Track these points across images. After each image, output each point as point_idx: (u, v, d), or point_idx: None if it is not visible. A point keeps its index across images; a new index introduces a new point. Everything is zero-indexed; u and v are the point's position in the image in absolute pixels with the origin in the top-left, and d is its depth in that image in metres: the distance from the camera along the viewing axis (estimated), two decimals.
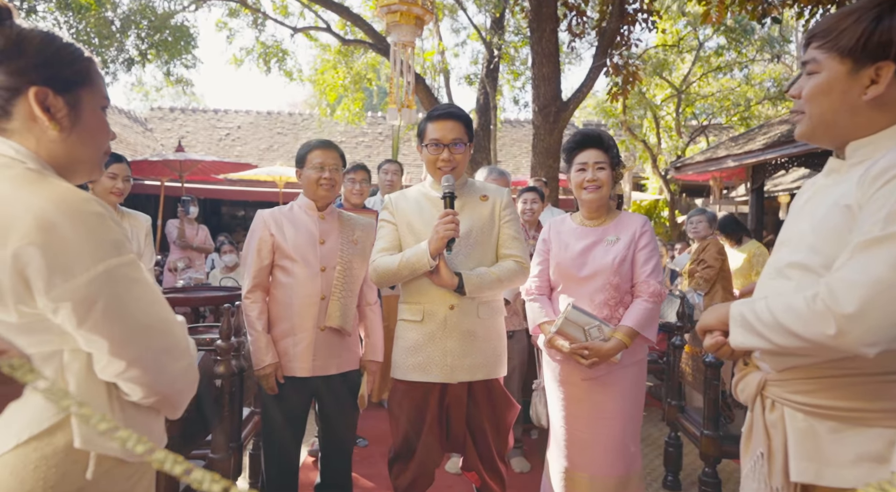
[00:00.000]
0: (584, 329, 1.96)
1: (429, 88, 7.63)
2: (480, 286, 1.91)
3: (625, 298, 2.06)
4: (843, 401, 0.99)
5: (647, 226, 2.11)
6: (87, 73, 0.96)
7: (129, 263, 0.88)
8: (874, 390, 0.96)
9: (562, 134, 6.62)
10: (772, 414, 1.10)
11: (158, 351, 0.90)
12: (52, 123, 0.91)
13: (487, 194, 2.05)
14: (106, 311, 0.84)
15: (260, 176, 9.35)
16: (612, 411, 2.01)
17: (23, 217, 0.81)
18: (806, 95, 1.09)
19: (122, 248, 0.88)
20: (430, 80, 9.48)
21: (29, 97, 0.89)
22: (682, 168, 9.10)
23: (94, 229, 0.84)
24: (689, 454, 3.07)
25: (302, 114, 16.20)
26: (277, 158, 13.52)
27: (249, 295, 2.12)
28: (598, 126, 15.53)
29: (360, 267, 2.23)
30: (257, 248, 2.12)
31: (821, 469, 1.01)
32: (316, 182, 2.13)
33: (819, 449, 1.01)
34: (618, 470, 2.00)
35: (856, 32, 1.01)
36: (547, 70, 6.40)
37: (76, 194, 0.85)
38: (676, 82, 12.42)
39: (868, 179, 0.95)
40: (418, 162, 13.45)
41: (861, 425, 0.98)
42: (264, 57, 9.44)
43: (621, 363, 2.00)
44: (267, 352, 2.05)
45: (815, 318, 0.90)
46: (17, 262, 0.80)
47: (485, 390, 1.99)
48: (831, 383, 1.00)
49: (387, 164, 4.10)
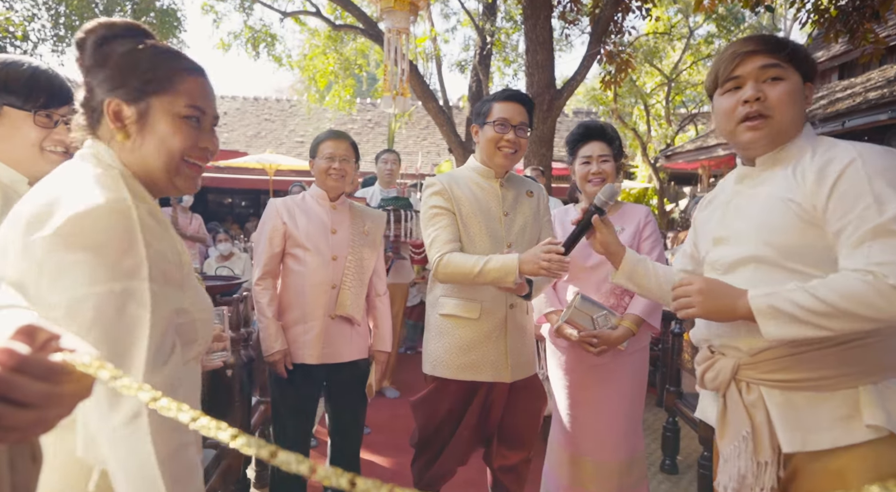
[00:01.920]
0: (593, 318, 1.99)
1: (421, 76, 7.56)
2: (541, 289, 1.96)
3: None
4: (813, 372, 1.09)
5: (651, 216, 2.15)
6: (164, 82, 0.95)
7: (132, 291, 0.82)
8: (837, 358, 1.08)
9: (555, 122, 6.62)
10: (749, 395, 1.18)
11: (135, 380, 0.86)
12: (119, 131, 0.94)
13: (532, 191, 2.03)
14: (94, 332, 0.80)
15: (249, 163, 9.24)
16: (617, 398, 2.05)
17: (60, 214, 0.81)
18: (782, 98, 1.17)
19: (135, 274, 0.83)
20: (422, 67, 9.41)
21: (105, 107, 0.93)
22: (672, 157, 9.17)
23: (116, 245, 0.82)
24: (685, 438, 3.14)
25: (290, 100, 16.01)
26: (266, 145, 13.38)
27: (260, 282, 2.13)
28: (588, 114, 15.55)
29: (370, 257, 2.25)
30: (269, 236, 2.13)
31: (805, 437, 1.10)
32: (325, 172, 2.15)
33: (799, 419, 1.11)
34: (622, 454, 2.04)
35: (804, 52, 1.21)
36: (541, 57, 6.38)
37: (123, 205, 0.84)
38: (667, 70, 12.46)
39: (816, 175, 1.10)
40: (408, 150, 13.39)
41: (830, 390, 1.08)
42: (253, 42, 9.28)
43: (626, 351, 2.04)
44: (276, 339, 2.08)
45: (889, 298, 0.98)
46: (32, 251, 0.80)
47: (525, 387, 1.97)
48: (799, 358, 1.10)
49: (386, 153, 4.09)
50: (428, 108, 7.47)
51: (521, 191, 1.99)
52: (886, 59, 7.39)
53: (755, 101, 1.16)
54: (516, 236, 1.91)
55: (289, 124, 14.61)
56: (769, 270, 1.14)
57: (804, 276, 1.09)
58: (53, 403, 0.49)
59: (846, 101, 6.82)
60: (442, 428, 1.95)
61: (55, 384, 0.49)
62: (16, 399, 0.47)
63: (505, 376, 1.89)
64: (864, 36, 5.34)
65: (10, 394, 0.46)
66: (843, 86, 8.24)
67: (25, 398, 0.47)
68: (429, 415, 1.95)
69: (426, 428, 1.96)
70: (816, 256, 1.10)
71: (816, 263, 1.10)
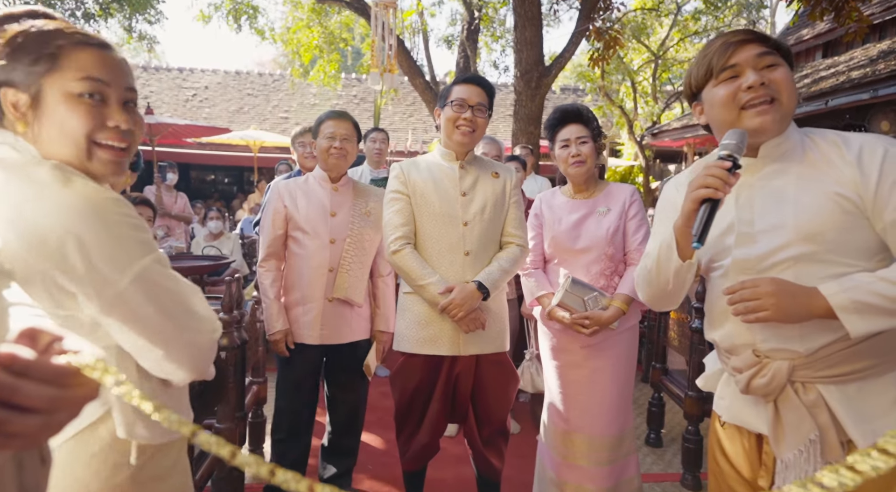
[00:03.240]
0: (584, 300, 2.03)
1: (408, 52, 7.45)
2: (496, 286, 1.95)
3: (619, 267, 2.14)
4: (865, 361, 1.09)
5: (636, 195, 2.17)
6: (50, 59, 0.87)
7: (158, 259, 0.91)
8: (887, 344, 1.09)
9: (543, 100, 6.59)
10: (808, 395, 1.13)
11: (191, 335, 0.94)
12: (19, 120, 0.88)
13: (499, 172, 2.06)
14: (141, 309, 0.87)
15: (233, 140, 9.08)
16: (608, 376, 2.10)
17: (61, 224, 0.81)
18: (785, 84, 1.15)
19: (149, 246, 0.90)
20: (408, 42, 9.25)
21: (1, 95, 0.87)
22: (659, 135, 9.20)
23: (127, 233, 0.87)
24: (669, 413, 3.24)
25: (273, 74, 15.67)
26: (249, 120, 13.14)
27: (264, 263, 2.18)
28: (575, 91, 15.47)
29: (373, 239, 2.26)
30: (271, 218, 2.18)
31: (874, 427, 1.07)
32: (326, 151, 2.16)
33: (862, 410, 1.09)
34: (613, 429, 2.10)
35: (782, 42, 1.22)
36: (529, 34, 6.31)
37: (103, 196, 0.86)
38: (654, 47, 12.40)
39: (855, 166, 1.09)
40: (394, 127, 13.25)
41: (877, 376, 1.09)
42: (234, 14, 9.02)
43: (616, 330, 2.09)
44: (278, 319, 2.13)
45: None
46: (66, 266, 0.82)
47: (493, 363, 2.02)
48: (855, 350, 1.09)
49: (374, 132, 4.05)
50: (415, 84, 7.39)
51: (484, 172, 2.04)
52: (870, 37, 7.44)
53: (760, 85, 1.13)
54: (473, 215, 1.97)
55: (272, 99, 14.33)
56: (813, 267, 1.11)
57: (849, 268, 1.09)
58: (59, 407, 0.48)
59: (830, 80, 6.88)
60: (415, 401, 2.02)
61: (61, 388, 0.47)
62: (20, 404, 0.45)
63: (461, 350, 1.95)
64: (849, 14, 5.36)
65: (14, 399, 0.45)
66: (827, 64, 8.29)
67: (30, 403, 0.46)
68: (401, 389, 2.03)
69: (401, 402, 2.04)
70: (860, 247, 1.09)
71: (859, 254, 1.09)
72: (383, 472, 2.72)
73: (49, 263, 0.82)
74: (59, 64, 0.87)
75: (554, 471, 2.19)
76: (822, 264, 1.10)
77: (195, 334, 0.94)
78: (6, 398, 0.44)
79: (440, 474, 2.64)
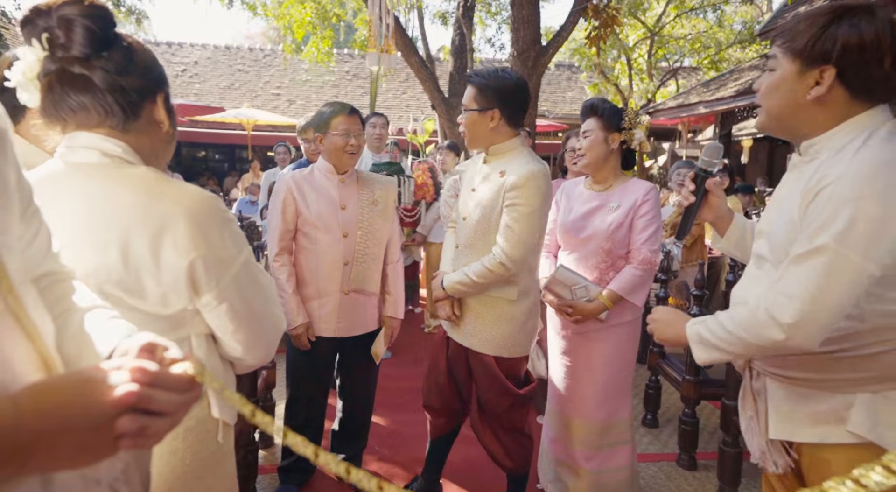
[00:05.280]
0: (571, 288, 2.10)
1: (404, 30, 7.34)
2: (453, 286, 1.98)
3: (617, 262, 2.14)
4: (818, 373, 1.15)
5: (651, 194, 2.10)
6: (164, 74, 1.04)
7: (250, 251, 1.03)
8: (843, 364, 1.12)
9: (540, 79, 6.55)
10: (757, 382, 1.27)
11: (270, 321, 1.07)
12: (168, 126, 1.02)
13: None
14: (243, 298, 1.00)
15: (227, 119, 8.97)
16: (597, 364, 2.16)
17: (184, 227, 0.92)
18: (762, 91, 1.19)
19: (243, 240, 1.02)
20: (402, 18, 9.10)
21: (157, 103, 0.99)
22: (655, 113, 9.20)
23: (228, 228, 0.99)
24: (665, 394, 3.34)
25: (263, 49, 15.38)
26: (240, 97, 12.94)
27: (278, 258, 2.16)
28: (570, 67, 15.33)
29: (383, 228, 2.26)
30: (282, 211, 2.15)
31: (793, 429, 1.18)
32: (342, 149, 2.13)
33: (792, 412, 1.18)
34: (599, 415, 2.17)
35: (806, 36, 1.10)
36: (527, 12, 6.23)
37: (207, 197, 0.97)
38: (650, 23, 12.28)
39: (804, 190, 1.08)
40: (388, 104, 13.11)
41: (830, 391, 1.13)
42: None
43: (608, 322, 2.12)
44: (298, 313, 2.13)
45: (764, 328, 1.08)
46: (191, 270, 0.93)
47: (479, 362, 2.05)
48: (804, 359, 1.15)
49: (374, 117, 4.04)
50: (410, 62, 7.30)
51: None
52: None
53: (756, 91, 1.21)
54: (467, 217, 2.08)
55: (263, 75, 14.10)
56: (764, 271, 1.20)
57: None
58: (182, 409, 0.58)
59: None
60: (431, 381, 2.24)
61: (183, 393, 0.57)
62: (155, 410, 0.54)
63: (449, 333, 2.13)
64: None
65: (151, 406, 0.54)
66: None
67: (162, 408, 0.55)
68: (426, 369, 2.28)
69: (425, 383, 2.26)
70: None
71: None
72: (391, 454, 2.81)
73: (177, 251, 0.91)
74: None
75: (551, 449, 2.32)
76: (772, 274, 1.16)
77: (273, 320, 1.07)
78: (145, 406, 0.53)
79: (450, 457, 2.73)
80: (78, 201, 0.92)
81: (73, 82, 0.88)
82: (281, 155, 5.49)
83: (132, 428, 0.52)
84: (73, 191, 0.93)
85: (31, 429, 0.48)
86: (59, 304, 0.74)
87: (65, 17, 0.84)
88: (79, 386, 0.52)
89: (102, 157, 0.94)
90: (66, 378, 0.55)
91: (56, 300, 0.74)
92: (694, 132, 12.32)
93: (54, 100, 0.89)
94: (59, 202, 0.90)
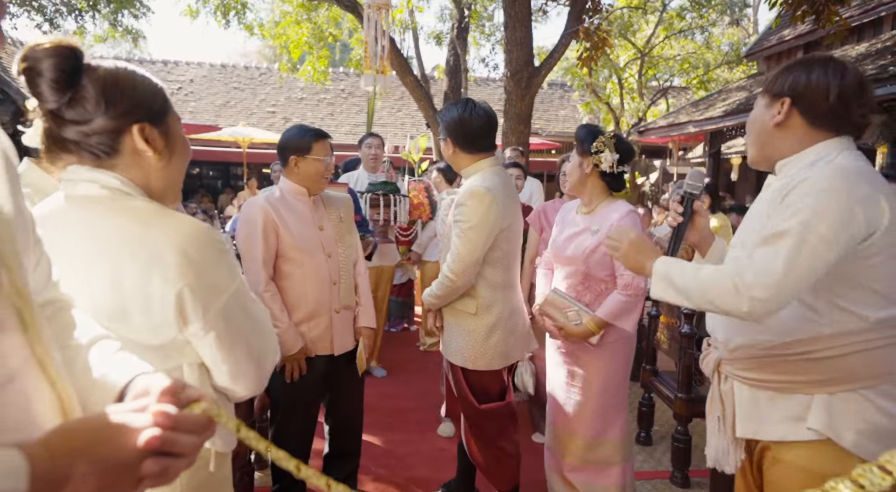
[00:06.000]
0: (564, 311, 2.16)
1: (399, 50, 7.46)
2: (428, 301, 2.19)
3: (595, 285, 2.17)
4: (778, 375, 1.27)
5: (628, 217, 2.09)
6: (167, 101, 1.03)
7: (243, 281, 1.03)
8: (802, 367, 1.23)
9: (533, 99, 6.66)
10: (725, 385, 1.39)
11: (261, 353, 1.06)
12: (155, 154, 0.99)
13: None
14: (230, 327, 1.00)
15: (223, 137, 9.03)
16: (587, 382, 2.19)
17: (175, 256, 0.92)
18: (748, 125, 1.41)
19: (236, 270, 1.02)
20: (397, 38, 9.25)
21: (133, 134, 0.96)
22: (646, 132, 9.34)
23: (222, 259, 0.99)
24: (659, 412, 3.37)
25: (259, 67, 15.51)
26: (236, 115, 13.02)
27: (269, 287, 2.07)
28: (563, 86, 15.54)
29: (353, 243, 2.31)
30: (263, 236, 2.05)
31: (757, 427, 1.30)
32: (321, 175, 2.16)
33: (758, 412, 1.30)
34: (588, 431, 2.20)
35: (774, 78, 1.34)
36: (520, 34, 6.37)
37: (202, 228, 0.98)
38: (640, 44, 12.53)
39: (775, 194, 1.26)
40: (383, 121, 13.23)
41: (790, 392, 1.25)
42: (222, 10, 8.93)
43: (600, 342, 2.14)
44: (296, 341, 2.10)
45: (731, 296, 1.17)
46: (179, 300, 0.93)
47: (452, 373, 2.23)
48: (767, 361, 1.28)
49: (370, 138, 4.10)
50: (405, 82, 7.41)
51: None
52: (849, 39, 7.62)
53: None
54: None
55: (259, 93, 14.21)
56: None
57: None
58: (198, 448, 0.61)
59: None
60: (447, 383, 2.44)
61: (201, 433, 0.61)
62: (176, 452, 0.58)
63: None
64: (828, 18, 5.51)
65: (173, 449, 0.57)
66: None
67: (183, 450, 0.58)
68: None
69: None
70: None
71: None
72: (387, 473, 2.81)
73: (166, 281, 0.92)
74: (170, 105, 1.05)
75: (546, 457, 2.38)
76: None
77: (263, 352, 1.07)
78: (168, 449, 0.57)
79: (439, 475, 2.74)
80: (75, 233, 0.94)
81: (56, 132, 0.93)
82: (277, 173, 5.54)
83: (155, 470, 0.56)
84: (71, 223, 0.95)
85: (65, 471, 0.51)
86: (64, 334, 0.77)
87: (31, 68, 0.85)
88: (107, 429, 0.56)
89: (102, 189, 0.96)
90: (95, 421, 0.57)
91: (61, 330, 0.77)
92: (685, 150, 12.50)
93: (48, 144, 0.94)
94: (59, 233, 0.92)
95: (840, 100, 1.24)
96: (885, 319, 1.18)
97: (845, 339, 1.19)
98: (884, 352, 1.19)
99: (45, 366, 0.59)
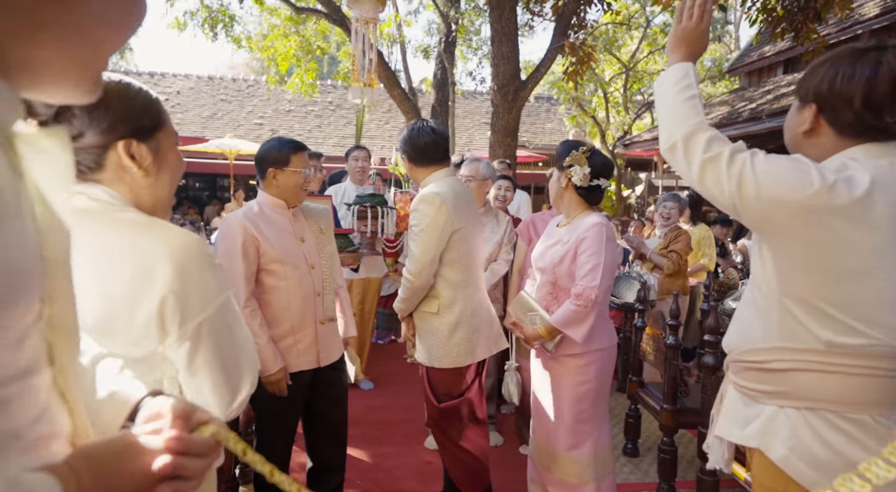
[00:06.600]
0: (527, 314, 2.22)
1: (386, 63, 7.52)
2: (398, 307, 2.31)
3: (562, 295, 2.18)
4: (747, 382, 1.28)
5: (593, 229, 2.08)
6: (160, 116, 1.02)
7: (230, 297, 1.02)
8: (756, 375, 1.26)
9: (520, 112, 6.74)
10: (725, 385, 1.44)
11: (239, 374, 1.04)
12: (140, 170, 0.98)
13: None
14: (209, 343, 0.98)
15: (209, 149, 8.99)
16: (553, 394, 2.21)
17: (162, 265, 0.92)
18: (784, 128, 1.35)
19: (226, 283, 1.02)
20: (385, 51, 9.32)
21: (118, 150, 0.95)
22: (631, 145, 9.46)
23: (211, 271, 0.98)
24: (645, 423, 3.38)
25: (247, 79, 15.53)
26: (223, 126, 13.00)
27: (248, 304, 2.03)
28: (549, 100, 15.73)
29: (333, 253, 2.31)
30: (243, 252, 2.01)
31: (730, 428, 1.32)
32: (300, 187, 2.15)
33: (734, 414, 1.33)
34: (557, 444, 2.19)
35: (804, 75, 1.26)
36: (506, 49, 6.46)
37: (193, 239, 0.97)
38: (625, 59, 12.75)
39: None
40: (370, 134, 13.27)
41: (762, 402, 1.25)
42: (210, 22, 8.94)
43: (559, 353, 2.16)
44: (276, 360, 2.04)
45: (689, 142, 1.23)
46: (161, 307, 0.93)
47: (421, 374, 2.34)
48: (740, 367, 1.31)
49: (356, 150, 4.12)
50: (393, 95, 7.45)
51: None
52: None
53: None
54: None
55: (246, 105, 14.20)
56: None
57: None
58: (206, 470, 0.62)
59: (790, 97, 7.20)
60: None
61: (210, 456, 0.62)
62: (186, 476, 0.59)
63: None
64: (807, 35, 5.67)
65: (184, 473, 0.59)
66: (788, 81, 8.68)
67: (193, 474, 0.60)
68: None
69: None
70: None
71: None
72: (373, 487, 2.79)
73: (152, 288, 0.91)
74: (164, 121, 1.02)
75: (533, 471, 2.40)
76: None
77: (241, 371, 1.05)
78: (179, 473, 0.58)
79: (427, 488, 2.72)
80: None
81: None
82: None
83: None
84: None
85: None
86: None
87: None
88: (125, 453, 0.57)
89: (90, 201, 0.96)
90: (114, 444, 0.59)
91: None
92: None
93: None
94: None
95: (868, 107, 1.11)
96: (839, 344, 1.12)
97: (798, 355, 1.16)
98: (834, 379, 1.13)
99: (65, 396, 0.59)
